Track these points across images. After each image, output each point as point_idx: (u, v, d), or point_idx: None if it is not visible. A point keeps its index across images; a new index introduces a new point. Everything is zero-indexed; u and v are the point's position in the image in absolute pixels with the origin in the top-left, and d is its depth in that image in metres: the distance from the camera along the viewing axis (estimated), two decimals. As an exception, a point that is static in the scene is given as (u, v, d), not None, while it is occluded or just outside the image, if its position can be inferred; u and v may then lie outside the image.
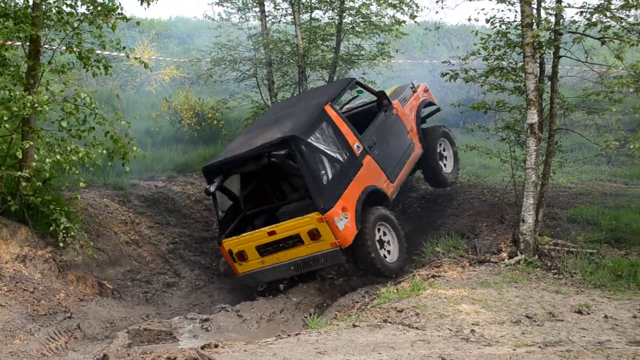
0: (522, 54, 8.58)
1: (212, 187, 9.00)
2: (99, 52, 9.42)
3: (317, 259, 8.75)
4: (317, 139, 8.91)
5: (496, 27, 9.15)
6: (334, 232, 8.50)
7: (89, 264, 9.29)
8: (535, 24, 8.37)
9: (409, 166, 10.59)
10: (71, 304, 8.32)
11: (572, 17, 8.72)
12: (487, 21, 9.14)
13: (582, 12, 8.40)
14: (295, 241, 8.70)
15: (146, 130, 14.65)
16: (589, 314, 6.67)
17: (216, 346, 5.87)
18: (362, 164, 9.34)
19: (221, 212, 9.32)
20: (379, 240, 9.08)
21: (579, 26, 8.64)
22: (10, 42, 9.47)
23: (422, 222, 10.98)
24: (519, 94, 9.33)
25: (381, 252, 9.07)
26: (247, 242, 8.95)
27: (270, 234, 8.81)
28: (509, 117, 9.94)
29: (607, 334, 6.12)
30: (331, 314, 7.95)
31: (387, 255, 9.19)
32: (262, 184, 10.13)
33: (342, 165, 9.05)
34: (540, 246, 8.46)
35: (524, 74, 8.56)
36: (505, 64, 9.35)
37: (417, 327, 6.28)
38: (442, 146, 11.48)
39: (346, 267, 9.57)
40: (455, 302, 6.90)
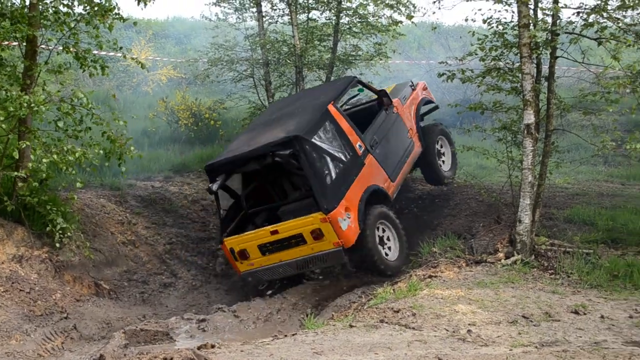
0: (518, 55, 8.58)
1: (214, 186, 9.00)
2: (96, 53, 9.42)
3: (320, 258, 8.75)
4: (320, 139, 8.90)
5: (493, 27, 9.15)
6: (337, 232, 8.50)
7: (86, 265, 9.27)
8: (532, 25, 8.38)
9: (409, 165, 10.64)
10: (67, 304, 8.31)
11: (569, 17, 8.71)
12: (484, 22, 9.14)
13: (579, 13, 8.38)
14: (297, 240, 8.70)
15: (143, 130, 14.62)
16: (585, 314, 6.68)
17: (213, 346, 5.86)
18: (364, 164, 9.34)
19: (222, 211, 9.31)
20: (379, 238, 9.08)
21: (576, 27, 8.63)
22: (6, 42, 9.45)
23: (419, 223, 10.96)
24: (515, 95, 9.35)
25: (382, 250, 9.07)
26: (249, 241, 8.95)
27: (273, 233, 8.81)
28: (505, 118, 9.94)
29: (604, 334, 6.12)
30: (328, 314, 7.95)
31: (388, 252, 9.21)
32: (263, 182, 10.12)
33: (344, 164, 9.05)
34: (536, 246, 8.47)
35: (520, 75, 8.57)
36: (502, 64, 9.35)
37: (413, 328, 6.28)
38: (439, 144, 11.50)
39: (342, 268, 9.55)
40: (452, 303, 6.91)
